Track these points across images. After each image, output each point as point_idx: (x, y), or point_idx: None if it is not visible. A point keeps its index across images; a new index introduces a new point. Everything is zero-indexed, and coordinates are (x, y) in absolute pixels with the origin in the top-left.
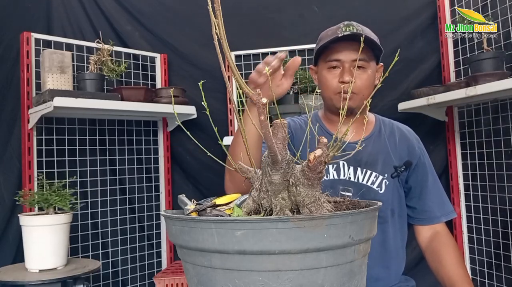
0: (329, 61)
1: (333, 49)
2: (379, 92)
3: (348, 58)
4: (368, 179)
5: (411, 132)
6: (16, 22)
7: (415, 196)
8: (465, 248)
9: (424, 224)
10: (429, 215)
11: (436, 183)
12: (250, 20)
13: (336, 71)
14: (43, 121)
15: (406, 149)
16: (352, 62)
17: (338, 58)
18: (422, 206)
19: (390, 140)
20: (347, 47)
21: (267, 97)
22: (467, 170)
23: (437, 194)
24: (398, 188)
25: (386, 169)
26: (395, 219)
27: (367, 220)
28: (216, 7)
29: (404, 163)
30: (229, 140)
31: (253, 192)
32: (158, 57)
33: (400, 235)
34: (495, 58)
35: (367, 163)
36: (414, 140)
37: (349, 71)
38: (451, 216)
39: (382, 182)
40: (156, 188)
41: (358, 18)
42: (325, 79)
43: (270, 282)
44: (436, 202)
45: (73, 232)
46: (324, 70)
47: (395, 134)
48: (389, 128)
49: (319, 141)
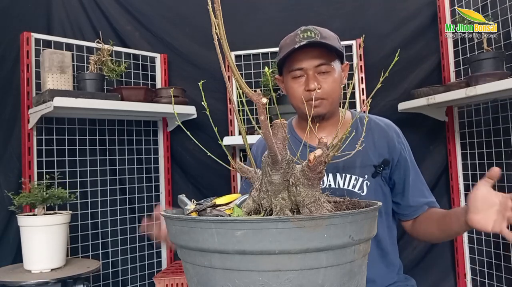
0: (292, 71)
1: (295, 59)
2: (379, 92)
3: (310, 65)
4: (348, 183)
5: (390, 126)
6: (16, 22)
7: (399, 192)
8: (465, 248)
9: (408, 219)
10: (413, 210)
11: (418, 177)
12: (250, 20)
13: (301, 79)
14: (43, 121)
15: (386, 145)
16: (315, 69)
17: (301, 67)
18: (406, 201)
19: (368, 138)
20: (308, 54)
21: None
22: (467, 170)
23: (419, 188)
24: (382, 186)
25: (365, 170)
26: (383, 218)
27: (367, 220)
28: (216, 7)
29: (382, 162)
30: (229, 141)
31: (253, 192)
32: (158, 57)
33: (389, 232)
34: (495, 58)
35: (345, 167)
36: (393, 135)
37: (314, 78)
38: (432, 205)
39: (363, 183)
40: (156, 188)
41: (358, 18)
42: (291, 89)
43: (270, 282)
44: (418, 196)
45: (73, 232)
46: (289, 80)
47: (373, 132)
48: (367, 126)
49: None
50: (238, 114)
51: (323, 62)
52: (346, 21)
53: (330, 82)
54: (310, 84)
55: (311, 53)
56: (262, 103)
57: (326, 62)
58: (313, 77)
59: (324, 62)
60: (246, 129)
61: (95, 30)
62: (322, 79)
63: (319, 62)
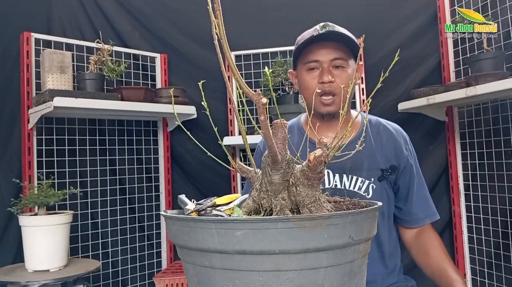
0: (307, 62)
1: (311, 51)
2: (379, 92)
3: (326, 58)
4: (354, 185)
5: (399, 131)
6: (16, 22)
7: (402, 198)
8: (465, 248)
9: (408, 226)
10: (414, 217)
11: (421, 184)
12: (250, 20)
13: (315, 72)
14: (43, 121)
15: (394, 150)
16: (331, 62)
17: (316, 59)
18: (408, 207)
19: (376, 142)
20: (325, 46)
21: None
22: (467, 170)
23: (422, 196)
24: (387, 190)
25: (372, 173)
26: (385, 221)
27: (367, 220)
28: (216, 7)
29: (390, 167)
30: (229, 141)
31: (253, 192)
32: (158, 57)
33: (390, 235)
34: (495, 58)
35: (352, 169)
36: (401, 141)
37: (329, 71)
38: (435, 218)
39: (369, 186)
40: (156, 188)
41: (358, 19)
42: (304, 81)
43: (270, 282)
44: (421, 203)
45: (73, 232)
46: (303, 72)
47: (381, 135)
48: (376, 129)
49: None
50: (238, 114)
51: (339, 56)
52: (346, 21)
53: (343, 78)
54: (324, 77)
55: (328, 47)
56: (262, 103)
57: (342, 57)
58: (328, 71)
59: (340, 57)
60: (246, 129)
61: (95, 30)
62: (336, 73)
63: (335, 56)
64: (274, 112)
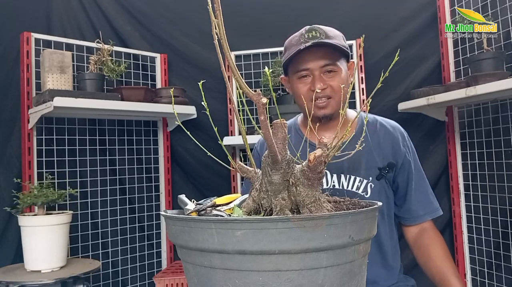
0: (298, 71)
1: (300, 59)
2: (379, 92)
3: (316, 66)
4: (352, 185)
5: (396, 128)
6: (16, 22)
7: (402, 195)
8: (465, 248)
9: (409, 224)
10: (413, 215)
11: (421, 181)
12: (250, 20)
13: (307, 79)
14: (43, 121)
15: (391, 147)
16: (321, 69)
17: (307, 67)
18: (408, 205)
19: (373, 140)
20: (313, 54)
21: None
22: (467, 170)
23: (422, 192)
24: (386, 189)
25: (370, 172)
26: (385, 221)
27: (367, 220)
28: (216, 7)
29: (388, 165)
30: (229, 141)
31: (253, 192)
32: (158, 57)
33: (391, 234)
34: (495, 58)
35: (350, 168)
36: (399, 137)
37: (320, 78)
38: (436, 214)
39: (367, 185)
40: (156, 188)
41: (358, 18)
42: (297, 89)
43: (270, 282)
44: (421, 200)
45: (73, 232)
46: (294, 80)
47: (378, 133)
48: (373, 127)
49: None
50: (238, 114)
51: (328, 62)
52: (346, 21)
53: (336, 81)
54: (316, 85)
55: (317, 54)
56: (262, 103)
57: (331, 62)
58: (319, 78)
59: (330, 63)
60: (246, 129)
61: (95, 30)
62: (328, 78)
63: (324, 63)
64: (274, 112)
